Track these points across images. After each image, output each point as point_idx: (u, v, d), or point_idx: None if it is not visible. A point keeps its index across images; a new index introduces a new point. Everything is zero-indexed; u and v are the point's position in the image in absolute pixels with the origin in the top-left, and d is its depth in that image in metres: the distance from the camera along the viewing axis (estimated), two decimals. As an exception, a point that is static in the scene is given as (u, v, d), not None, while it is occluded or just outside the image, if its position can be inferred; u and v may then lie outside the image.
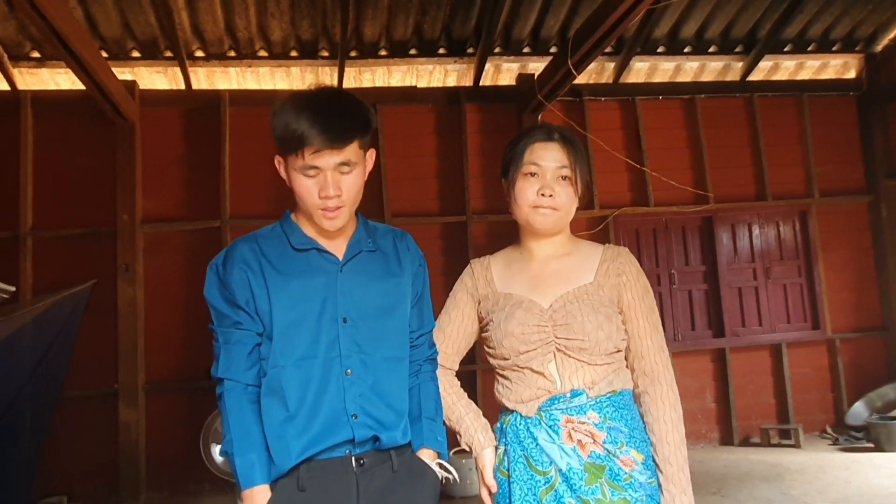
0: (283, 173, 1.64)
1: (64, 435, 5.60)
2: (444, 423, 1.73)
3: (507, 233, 6.39)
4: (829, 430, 6.60)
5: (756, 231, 6.94)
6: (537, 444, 1.61)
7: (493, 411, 1.79)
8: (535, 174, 1.70)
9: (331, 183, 1.55)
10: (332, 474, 1.53)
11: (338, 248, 1.65)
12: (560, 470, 1.58)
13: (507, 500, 1.63)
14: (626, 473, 1.58)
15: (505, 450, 1.67)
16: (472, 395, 1.82)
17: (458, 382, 1.84)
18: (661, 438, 1.63)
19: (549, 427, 1.62)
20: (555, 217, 1.70)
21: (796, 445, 6.18)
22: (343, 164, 1.56)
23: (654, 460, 1.64)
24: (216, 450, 4.40)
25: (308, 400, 1.54)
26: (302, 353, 1.56)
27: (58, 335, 5.41)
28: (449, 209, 6.49)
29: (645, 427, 1.67)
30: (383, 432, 1.57)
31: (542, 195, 1.68)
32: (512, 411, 1.68)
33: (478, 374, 6.00)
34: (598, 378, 1.63)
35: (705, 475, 5.33)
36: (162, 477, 5.75)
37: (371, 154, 1.68)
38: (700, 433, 6.53)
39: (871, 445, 5.92)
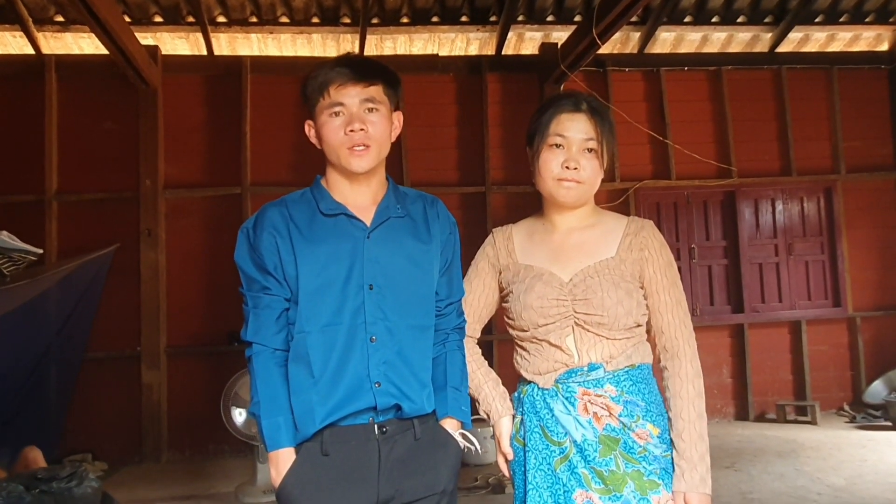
0: (312, 138, 1.66)
1: (88, 395, 5.74)
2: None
3: (526, 204, 6.38)
4: (846, 407, 6.58)
5: (779, 207, 6.85)
6: (553, 415, 1.62)
7: (510, 381, 1.81)
8: (560, 146, 1.67)
9: (356, 117, 1.58)
10: (355, 440, 1.55)
11: (366, 213, 1.64)
12: (575, 441, 1.59)
13: (523, 469, 1.65)
14: (640, 446, 1.59)
15: (521, 419, 1.68)
16: (489, 366, 1.83)
17: (479, 350, 1.84)
18: (676, 414, 1.63)
19: (566, 399, 1.62)
20: (579, 190, 1.68)
21: (813, 422, 6.17)
22: (367, 100, 1.59)
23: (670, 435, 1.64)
24: (236, 412, 4.48)
25: (332, 366, 1.55)
26: (327, 319, 1.56)
27: (82, 297, 5.51)
28: (468, 179, 6.47)
29: (664, 401, 1.67)
30: (405, 401, 1.57)
31: (567, 168, 1.66)
32: (529, 382, 1.69)
33: (494, 344, 6.03)
34: (616, 352, 1.63)
35: (719, 449, 5.35)
36: (183, 438, 5.89)
37: (399, 116, 1.69)
38: (715, 408, 6.54)
39: (889, 424, 5.89)
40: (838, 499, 4.12)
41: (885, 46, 7.19)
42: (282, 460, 1.54)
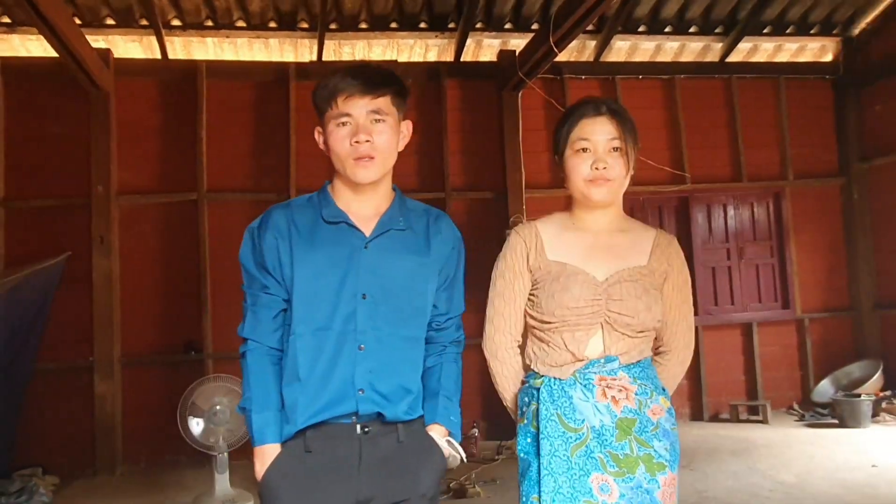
0: (321, 144, 1.69)
1: (39, 407, 5.56)
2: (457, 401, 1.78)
3: (485, 210, 6.43)
4: (795, 406, 6.78)
5: (731, 212, 7.04)
6: (571, 403, 1.68)
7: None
8: (586, 150, 1.74)
9: (362, 128, 1.60)
10: (337, 438, 1.58)
11: (368, 223, 1.66)
12: (592, 427, 1.66)
13: (534, 454, 1.69)
14: (653, 423, 1.69)
15: (537, 407, 1.71)
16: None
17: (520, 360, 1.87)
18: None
19: (584, 386, 1.69)
20: (609, 188, 1.74)
21: (764, 421, 6.34)
22: (374, 111, 1.61)
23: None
24: (194, 422, 4.41)
25: (319, 370, 1.58)
26: (319, 324, 1.59)
27: (32, 308, 5.35)
28: (428, 185, 6.48)
29: None
30: (388, 408, 1.59)
31: (596, 169, 1.73)
32: (543, 375, 1.73)
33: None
34: (631, 348, 1.73)
35: (675, 450, 5.45)
36: (139, 449, 5.75)
37: (408, 125, 1.72)
38: (671, 409, 6.66)
39: (836, 422, 6.09)
40: (789, 495, 4.24)
41: (829, 57, 7.45)
42: (267, 455, 1.58)
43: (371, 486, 1.57)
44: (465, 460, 1.71)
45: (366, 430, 1.58)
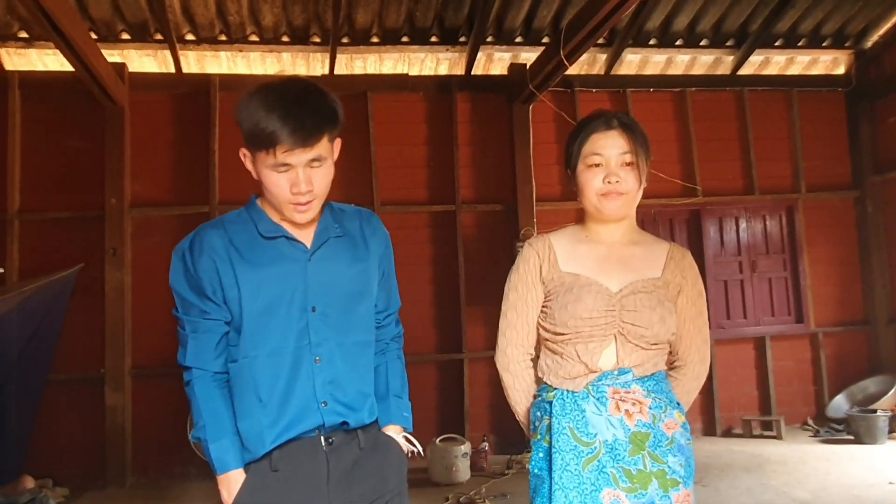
0: (248, 166, 1.63)
1: (50, 418, 5.58)
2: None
3: (495, 223, 6.43)
4: (810, 422, 6.69)
5: (743, 225, 7.00)
6: (584, 416, 1.68)
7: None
8: (598, 164, 1.75)
9: (302, 179, 1.55)
10: (303, 454, 1.58)
11: (306, 235, 1.65)
12: (605, 441, 1.65)
13: (547, 468, 1.69)
14: (668, 438, 1.68)
15: (549, 421, 1.71)
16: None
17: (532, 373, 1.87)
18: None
19: (597, 399, 1.69)
20: (622, 201, 1.75)
21: (778, 437, 6.27)
22: (314, 159, 1.57)
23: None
24: (203, 435, 4.41)
25: (279, 389, 1.56)
26: (273, 343, 1.57)
27: (44, 319, 5.39)
28: (438, 198, 6.49)
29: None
30: (351, 416, 1.61)
31: (609, 182, 1.74)
32: (556, 388, 1.73)
33: (465, 362, 6.01)
34: (645, 360, 1.73)
35: (688, 465, 5.40)
36: (148, 461, 5.76)
37: (337, 143, 1.67)
38: (684, 424, 6.60)
39: (851, 438, 6.01)
40: (804, 512, 4.19)
41: (841, 70, 7.42)
42: (232, 482, 1.57)
43: (341, 496, 1.57)
44: (421, 454, 1.76)
45: (330, 441, 1.59)
